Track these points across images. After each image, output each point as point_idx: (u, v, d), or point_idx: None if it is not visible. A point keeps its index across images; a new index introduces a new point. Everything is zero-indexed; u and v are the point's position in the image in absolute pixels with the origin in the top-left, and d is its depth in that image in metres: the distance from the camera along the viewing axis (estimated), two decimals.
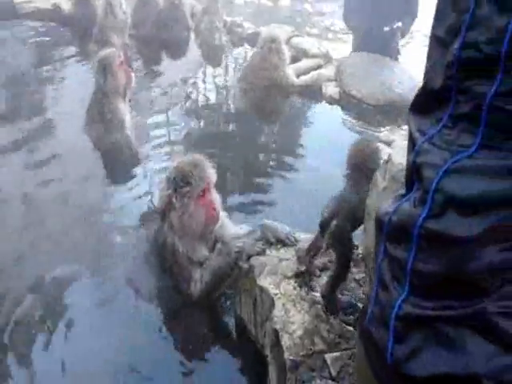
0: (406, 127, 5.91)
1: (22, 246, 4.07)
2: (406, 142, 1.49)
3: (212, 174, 3.36)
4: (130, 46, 8.12)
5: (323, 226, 2.70)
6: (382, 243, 1.47)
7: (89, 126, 5.38)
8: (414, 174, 1.40)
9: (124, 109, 5.37)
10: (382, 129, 5.90)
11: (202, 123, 6.43)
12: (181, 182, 3.24)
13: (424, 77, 1.43)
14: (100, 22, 8.04)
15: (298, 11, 12.62)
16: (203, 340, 3.36)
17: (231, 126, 6.34)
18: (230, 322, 3.44)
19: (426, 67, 1.42)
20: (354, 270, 2.90)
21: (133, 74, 5.42)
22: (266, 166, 5.47)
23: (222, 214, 3.56)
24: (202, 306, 3.44)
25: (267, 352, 2.87)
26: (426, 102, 1.41)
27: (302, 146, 5.87)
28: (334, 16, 12.24)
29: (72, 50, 8.24)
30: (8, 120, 6.00)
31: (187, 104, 6.89)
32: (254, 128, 6.30)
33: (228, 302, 3.56)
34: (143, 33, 8.43)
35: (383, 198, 2.52)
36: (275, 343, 2.67)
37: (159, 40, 8.38)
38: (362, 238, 2.88)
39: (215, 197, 3.46)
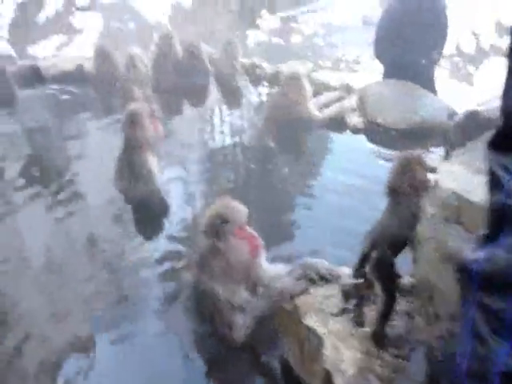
0: (433, 149, 5.87)
1: (49, 297, 4.14)
2: (451, 166, 1.43)
3: (243, 211, 3.45)
4: (153, 97, 8.29)
5: (362, 259, 2.65)
6: (472, 293, 1.39)
7: (118, 179, 5.37)
8: (506, 215, 1.32)
9: (153, 161, 5.36)
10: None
11: (226, 165, 6.49)
12: (220, 223, 3.34)
13: (503, 112, 1.37)
14: (122, 76, 8.28)
15: (310, 46, 12.86)
16: None
17: (256, 165, 6.35)
18: (275, 364, 3.36)
19: (505, 102, 1.37)
20: (402, 301, 2.83)
21: (160, 126, 5.48)
22: (293, 202, 5.47)
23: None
24: (245, 350, 3.39)
25: None
26: (510, 139, 1.35)
27: (328, 178, 5.84)
28: (344, 47, 12.45)
29: (96, 106, 8.47)
30: (37, 176, 6.16)
31: (210, 148, 6.97)
32: (280, 164, 6.30)
33: (272, 344, 3.47)
34: (164, 84, 8.61)
35: (432, 225, 2.47)
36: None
37: (180, 89, 8.53)
38: (413, 267, 2.82)
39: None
